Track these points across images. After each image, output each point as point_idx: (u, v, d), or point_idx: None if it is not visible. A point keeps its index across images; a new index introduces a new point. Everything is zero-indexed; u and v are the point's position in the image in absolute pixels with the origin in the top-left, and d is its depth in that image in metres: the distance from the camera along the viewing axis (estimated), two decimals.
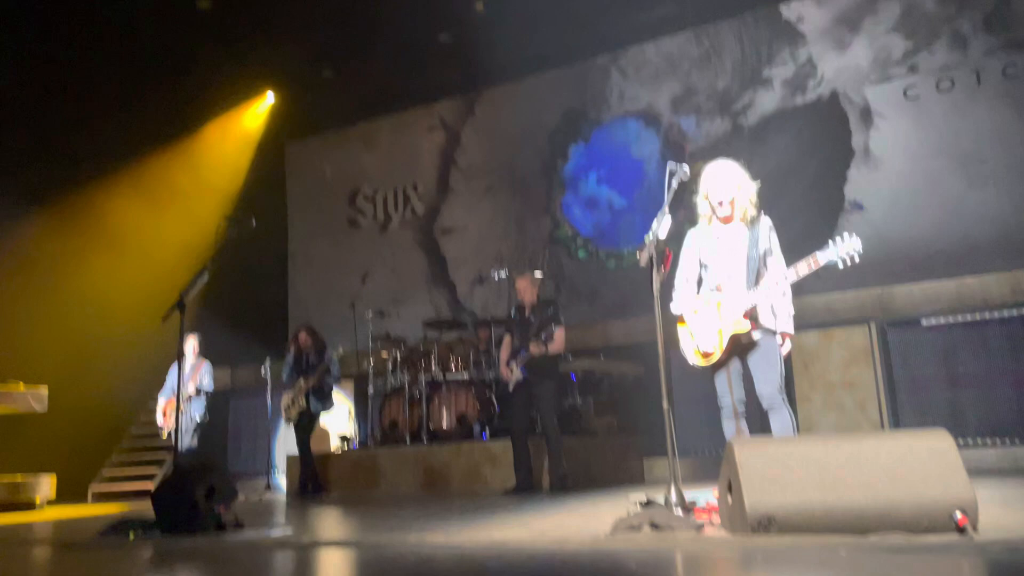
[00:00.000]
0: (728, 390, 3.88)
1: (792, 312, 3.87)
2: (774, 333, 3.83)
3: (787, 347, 3.88)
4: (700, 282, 4.00)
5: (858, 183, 8.25)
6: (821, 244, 3.73)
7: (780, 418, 3.77)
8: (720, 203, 3.87)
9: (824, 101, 8.60)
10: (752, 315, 3.78)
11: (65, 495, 8.31)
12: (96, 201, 10.28)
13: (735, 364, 3.89)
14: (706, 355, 3.88)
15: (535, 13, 8.92)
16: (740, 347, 3.85)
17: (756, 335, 3.81)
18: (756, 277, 3.80)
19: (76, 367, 9.26)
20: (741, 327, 3.77)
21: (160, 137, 10.82)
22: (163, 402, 7.67)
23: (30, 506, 7.30)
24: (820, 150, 8.50)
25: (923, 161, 7.99)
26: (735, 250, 3.87)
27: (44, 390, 7.69)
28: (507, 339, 6.53)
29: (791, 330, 3.85)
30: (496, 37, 9.07)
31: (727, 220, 3.91)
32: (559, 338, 6.16)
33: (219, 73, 10.19)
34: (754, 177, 3.92)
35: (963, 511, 2.61)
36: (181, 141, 11.19)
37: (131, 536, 3.86)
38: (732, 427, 3.91)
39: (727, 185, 3.86)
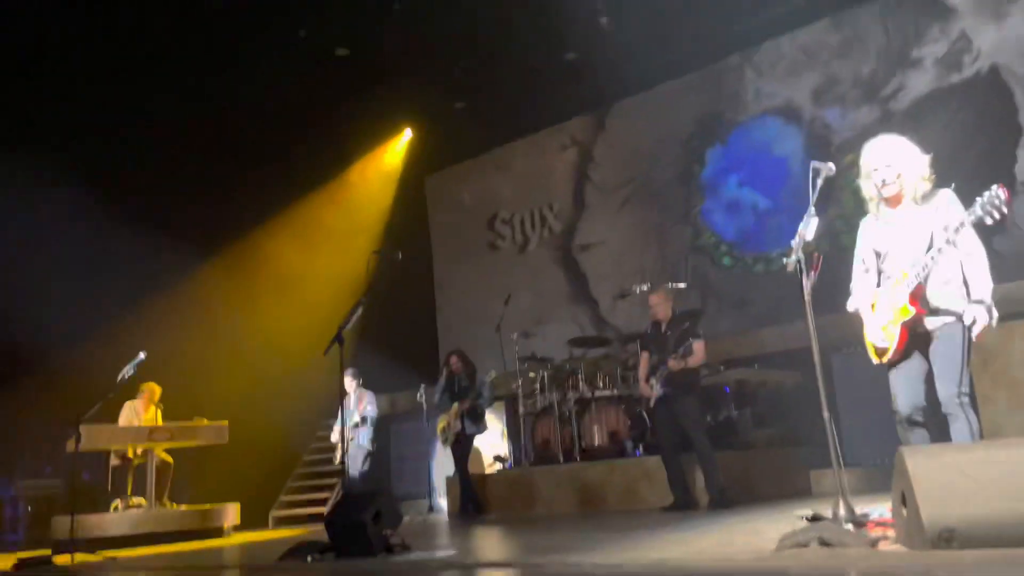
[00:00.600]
0: (903, 393, 3.49)
1: (987, 283, 3.34)
2: (956, 320, 3.35)
3: (978, 324, 3.31)
4: (880, 274, 3.61)
5: None
6: (994, 231, 3.39)
7: (958, 427, 3.31)
8: (884, 181, 3.49)
9: (983, 77, 7.96)
10: (920, 297, 3.36)
11: (248, 522, 8.92)
12: (259, 245, 11.10)
13: (914, 362, 3.47)
14: (880, 351, 3.52)
15: (660, 20, 8.80)
16: (918, 340, 3.42)
17: (930, 323, 3.38)
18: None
19: (252, 402, 9.95)
20: (907, 313, 3.38)
21: (311, 181, 11.55)
22: (336, 431, 8.17)
23: (219, 533, 7.89)
24: (983, 131, 7.86)
25: None
26: (912, 233, 3.45)
27: (225, 424, 8.32)
28: (644, 356, 6.42)
29: (984, 302, 3.28)
30: (622, 49, 9.04)
31: (897, 200, 3.52)
32: (699, 351, 6.00)
33: (359, 116, 10.74)
34: (925, 151, 3.53)
35: None
36: (330, 183, 11.89)
37: (308, 559, 4.10)
38: (906, 438, 3.49)
39: (891, 159, 3.49)
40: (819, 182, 3.58)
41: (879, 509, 3.55)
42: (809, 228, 3.53)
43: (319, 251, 11.24)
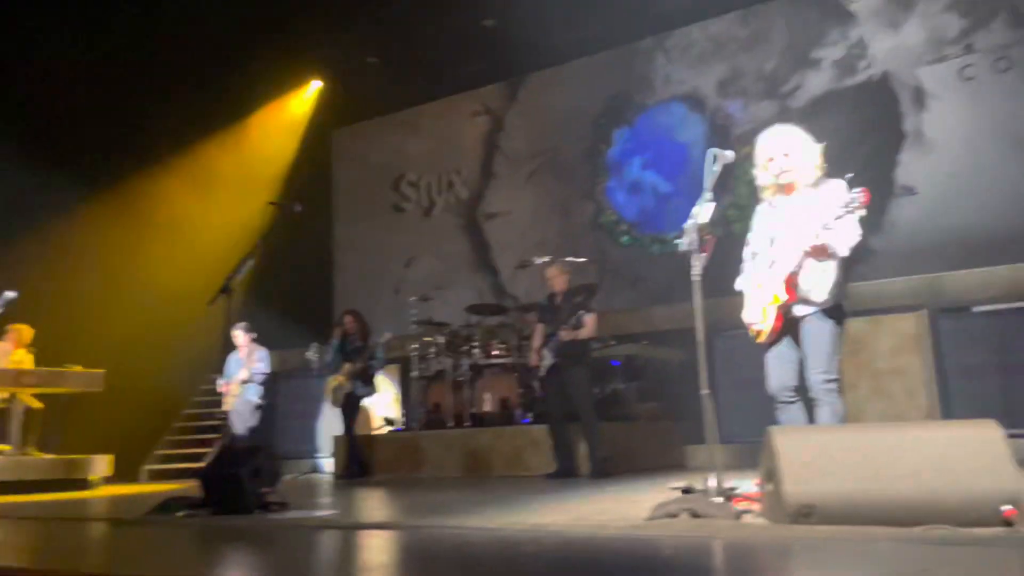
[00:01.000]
0: (774, 374, 3.66)
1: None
2: (825, 312, 3.51)
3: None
4: (770, 259, 3.70)
5: (910, 167, 8.04)
6: (872, 230, 3.58)
7: (822, 411, 3.48)
8: (782, 169, 3.60)
9: (875, 83, 8.38)
10: (794, 285, 3.50)
11: (121, 475, 8.58)
12: (148, 189, 10.54)
13: (787, 346, 3.62)
14: (757, 333, 3.68)
15: None
16: (790, 325, 3.59)
17: (799, 310, 3.55)
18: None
19: (131, 351, 9.52)
20: (779, 297, 3.53)
21: (208, 126, 11.03)
22: (222, 385, 7.94)
23: (86, 485, 7.56)
24: (870, 134, 8.29)
25: (978, 144, 7.75)
26: (800, 221, 3.54)
27: (100, 372, 7.94)
28: (539, 327, 6.54)
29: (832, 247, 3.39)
30: (540, 21, 9.01)
31: (791, 188, 3.64)
32: (589, 323, 6.16)
33: (265, 62, 10.32)
34: (818, 140, 3.65)
35: (1010, 504, 2.54)
36: (229, 129, 11.40)
37: (179, 514, 3.98)
38: (784, 416, 3.65)
39: (788, 148, 3.60)
40: (716, 168, 3.68)
41: (747, 484, 3.74)
42: (703, 211, 3.65)
43: (214, 198, 10.79)
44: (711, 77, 9.50)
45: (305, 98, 12.08)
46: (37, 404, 7.71)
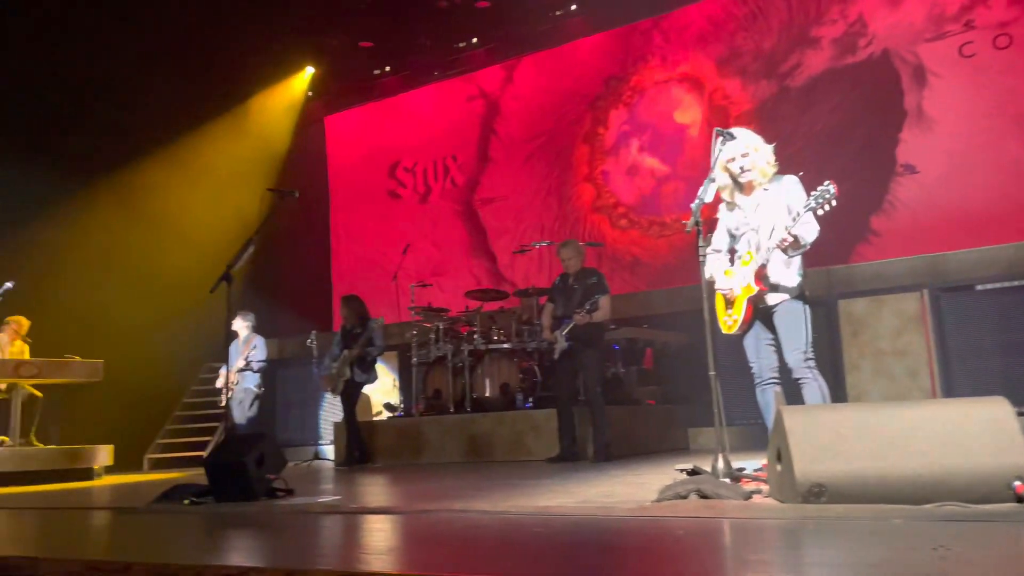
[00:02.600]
0: (756, 357, 3.88)
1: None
2: (795, 298, 3.73)
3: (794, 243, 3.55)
4: (733, 254, 3.97)
5: (910, 145, 8.00)
6: (873, 209, 3.61)
7: (809, 391, 3.70)
8: (743, 168, 3.79)
9: (875, 60, 8.32)
10: (763, 277, 3.72)
11: (122, 464, 8.57)
12: (145, 176, 10.47)
13: (759, 330, 3.85)
14: (729, 325, 3.89)
15: None
16: (760, 313, 3.82)
17: (771, 299, 3.75)
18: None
19: (132, 341, 9.50)
20: (751, 290, 3.73)
21: (202, 113, 10.95)
22: (222, 374, 7.95)
23: (89, 474, 7.54)
24: (870, 112, 8.25)
25: (979, 122, 7.71)
26: (760, 218, 3.81)
27: (99, 362, 7.91)
28: (549, 306, 6.52)
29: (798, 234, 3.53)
30: (535, 3, 8.93)
31: (750, 187, 3.85)
32: (605, 306, 6.13)
33: (258, 48, 10.23)
34: (768, 142, 3.86)
35: (1021, 480, 2.53)
36: (223, 117, 11.31)
37: (185, 502, 3.96)
38: (762, 397, 3.90)
39: (747, 149, 3.78)
40: (720, 147, 3.69)
41: (754, 465, 3.73)
42: (708, 191, 3.65)
43: (210, 186, 10.72)
44: (709, 57, 9.43)
45: (300, 85, 11.99)
46: (37, 393, 7.69)
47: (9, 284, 6.22)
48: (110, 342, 8.99)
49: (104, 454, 7.82)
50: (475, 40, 10.89)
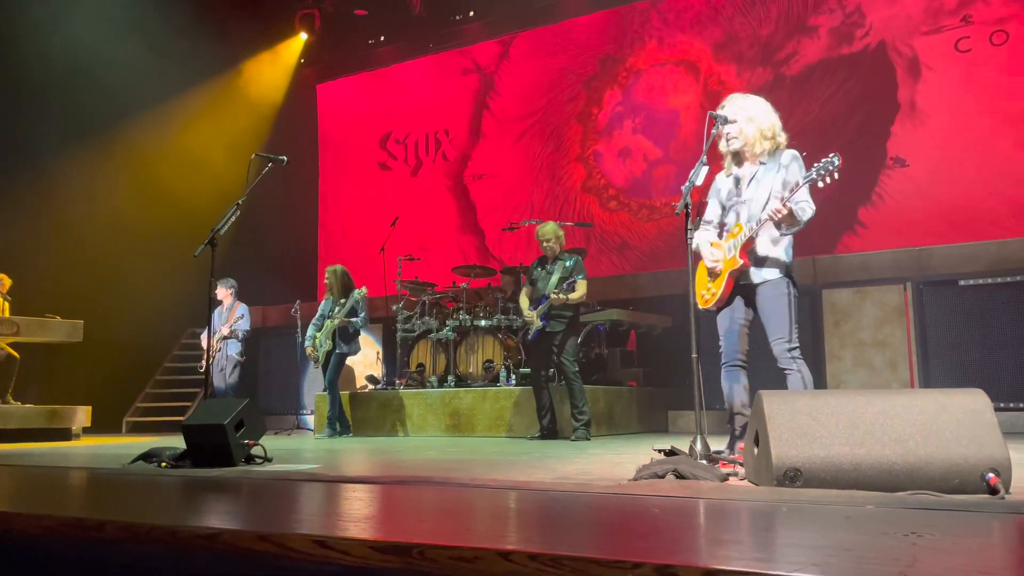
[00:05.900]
0: (726, 337, 3.75)
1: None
2: (780, 277, 3.60)
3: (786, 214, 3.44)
4: (723, 227, 3.84)
5: (902, 138, 8.02)
6: (861, 200, 3.61)
7: (793, 382, 3.55)
8: (729, 135, 3.65)
9: (871, 52, 8.32)
10: (750, 251, 3.61)
11: (100, 426, 8.54)
12: (130, 138, 10.34)
13: (737, 310, 3.73)
14: (706, 299, 3.76)
15: None
16: (742, 290, 3.69)
17: (755, 276, 3.63)
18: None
19: (112, 302, 9.42)
20: (735, 263, 3.61)
21: (193, 76, 10.80)
22: (205, 340, 7.91)
23: (66, 435, 7.51)
24: (864, 103, 8.25)
25: (971, 118, 7.74)
26: (754, 190, 3.66)
27: (79, 323, 7.85)
28: (528, 288, 6.51)
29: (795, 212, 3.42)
30: None
31: (743, 157, 3.71)
32: (581, 288, 6.13)
33: (253, 12, 10.09)
34: (775, 111, 3.71)
35: (996, 471, 2.56)
36: (213, 80, 11.17)
37: (162, 465, 3.95)
38: (726, 379, 3.74)
39: (735, 115, 3.65)
40: (714, 132, 3.66)
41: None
42: (699, 175, 3.61)
43: (198, 148, 10.61)
44: (706, 41, 9.39)
45: (293, 51, 11.85)
46: (14, 353, 7.62)
47: None
48: (91, 303, 8.91)
49: (82, 415, 7.78)
50: (472, 13, 10.78)
